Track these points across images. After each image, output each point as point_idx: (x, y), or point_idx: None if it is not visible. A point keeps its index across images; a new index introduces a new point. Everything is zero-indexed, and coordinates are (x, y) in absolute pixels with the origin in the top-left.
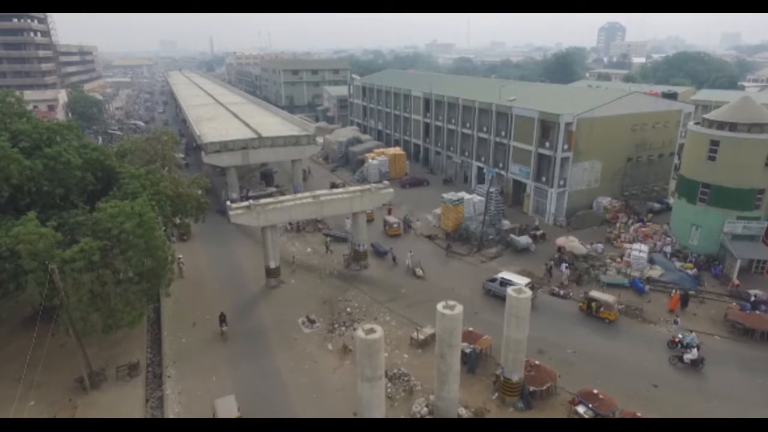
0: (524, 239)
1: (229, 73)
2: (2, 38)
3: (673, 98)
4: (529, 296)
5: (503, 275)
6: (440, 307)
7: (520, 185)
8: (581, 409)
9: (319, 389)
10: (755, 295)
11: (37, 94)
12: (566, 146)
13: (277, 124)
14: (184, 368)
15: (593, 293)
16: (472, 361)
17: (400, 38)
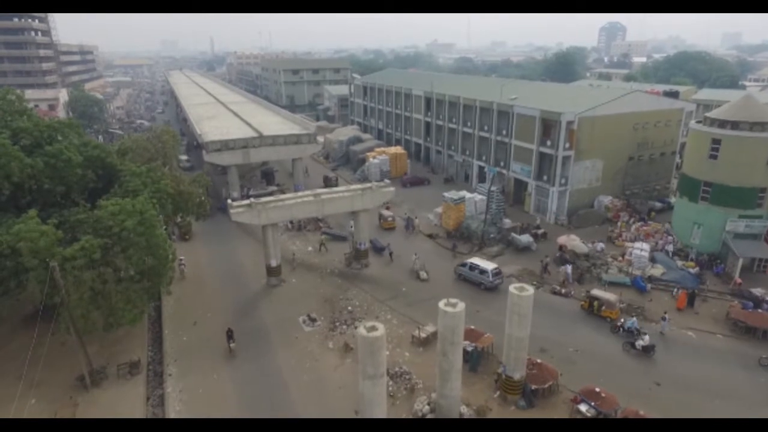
0: (525, 238)
1: (229, 72)
2: (3, 37)
3: (674, 97)
4: (531, 294)
5: (472, 260)
6: (442, 304)
7: (521, 184)
8: (583, 407)
9: (320, 387)
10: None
11: (37, 93)
12: (568, 145)
13: (277, 123)
14: (185, 366)
15: (595, 292)
16: (473, 359)
17: (400, 38)
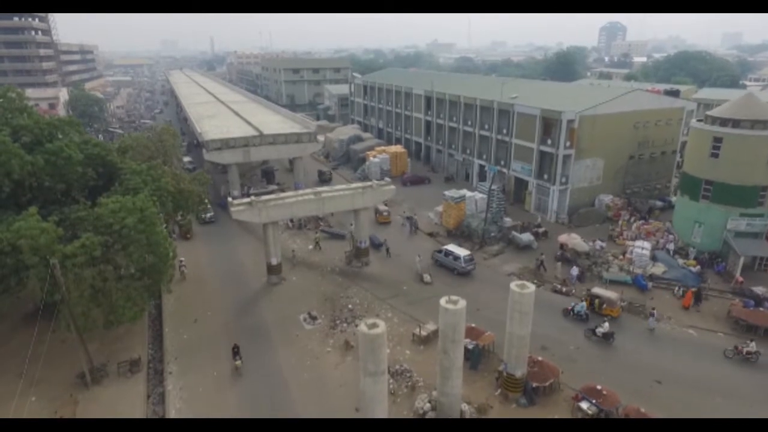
0: (526, 236)
1: (229, 72)
2: (3, 37)
3: (675, 96)
4: (532, 291)
5: (447, 247)
6: (443, 302)
7: (521, 183)
8: (584, 405)
9: (321, 385)
10: None
11: (38, 92)
12: (568, 143)
13: (278, 122)
14: (185, 364)
15: (596, 290)
16: (474, 357)
17: (400, 38)
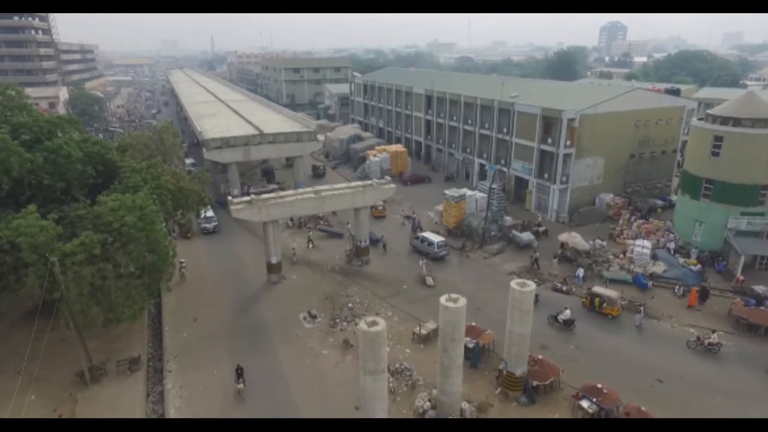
0: (527, 235)
1: (230, 71)
2: (3, 36)
3: (676, 95)
4: (533, 289)
5: (423, 234)
6: (443, 300)
7: (522, 182)
8: (585, 403)
9: (320, 384)
10: None
11: (38, 91)
12: (569, 142)
13: (278, 121)
14: (185, 363)
15: (596, 289)
16: (475, 355)
17: (401, 38)
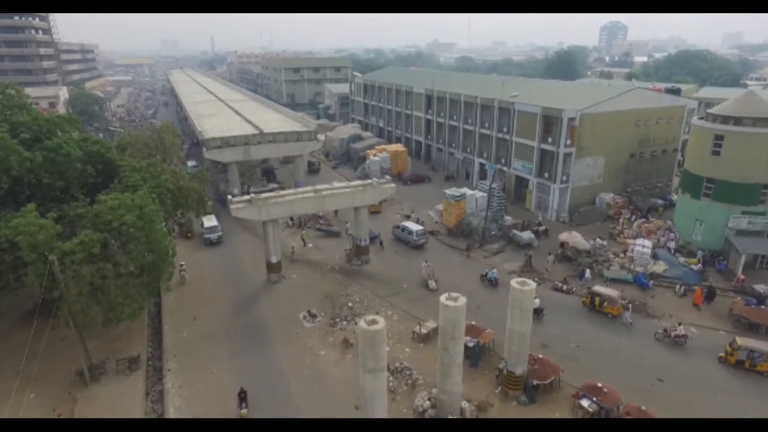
0: (527, 235)
1: (230, 71)
2: (3, 36)
3: (676, 94)
4: (533, 288)
5: (403, 223)
6: (443, 298)
7: (522, 181)
8: (585, 402)
9: (320, 383)
10: None
11: (38, 91)
12: (569, 142)
13: (278, 120)
14: (184, 362)
15: (596, 288)
16: (475, 354)
17: (401, 38)
